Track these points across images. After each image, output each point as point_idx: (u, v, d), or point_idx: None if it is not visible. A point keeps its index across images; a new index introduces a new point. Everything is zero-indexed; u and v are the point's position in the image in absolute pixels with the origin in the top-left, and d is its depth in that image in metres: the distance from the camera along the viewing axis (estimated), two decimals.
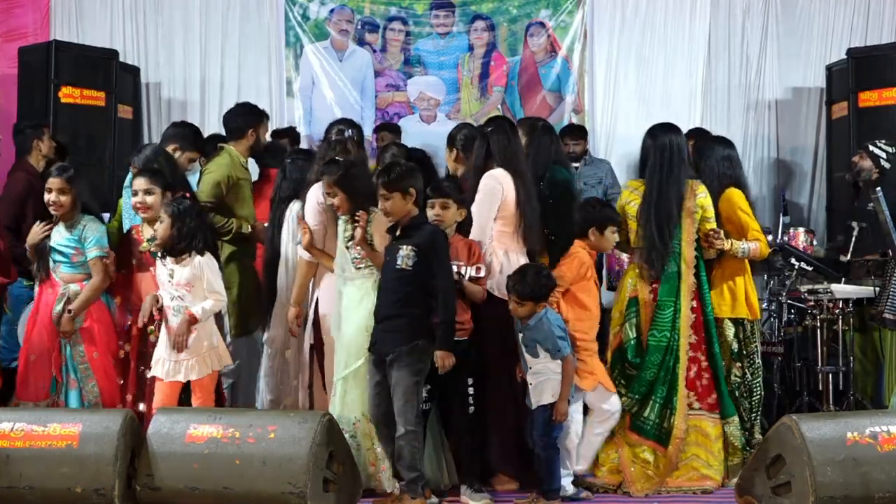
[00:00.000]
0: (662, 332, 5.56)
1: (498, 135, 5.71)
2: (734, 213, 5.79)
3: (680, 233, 5.58)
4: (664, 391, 5.55)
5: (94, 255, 5.72)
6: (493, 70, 9.17)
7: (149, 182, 5.73)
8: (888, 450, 4.51)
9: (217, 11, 9.24)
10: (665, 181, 5.59)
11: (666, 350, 5.56)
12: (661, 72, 9.14)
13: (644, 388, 5.56)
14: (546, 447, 5.25)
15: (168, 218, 5.44)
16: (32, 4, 9.14)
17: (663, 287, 5.60)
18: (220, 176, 6.36)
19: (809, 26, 9.17)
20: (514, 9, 9.17)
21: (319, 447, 4.73)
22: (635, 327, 5.64)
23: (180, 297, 5.44)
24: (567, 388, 5.23)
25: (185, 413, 5.03)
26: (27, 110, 8.01)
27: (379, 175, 5.24)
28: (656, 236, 5.56)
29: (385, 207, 5.17)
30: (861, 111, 8.24)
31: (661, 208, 5.57)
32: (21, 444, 4.81)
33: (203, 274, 5.44)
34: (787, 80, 9.19)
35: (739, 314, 5.81)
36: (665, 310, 5.57)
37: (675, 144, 5.65)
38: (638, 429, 5.57)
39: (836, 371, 6.81)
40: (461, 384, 5.39)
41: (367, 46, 9.20)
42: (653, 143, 5.69)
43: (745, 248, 5.74)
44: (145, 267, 5.76)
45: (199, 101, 9.16)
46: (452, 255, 5.32)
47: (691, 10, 9.16)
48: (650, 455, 5.55)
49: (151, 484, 4.76)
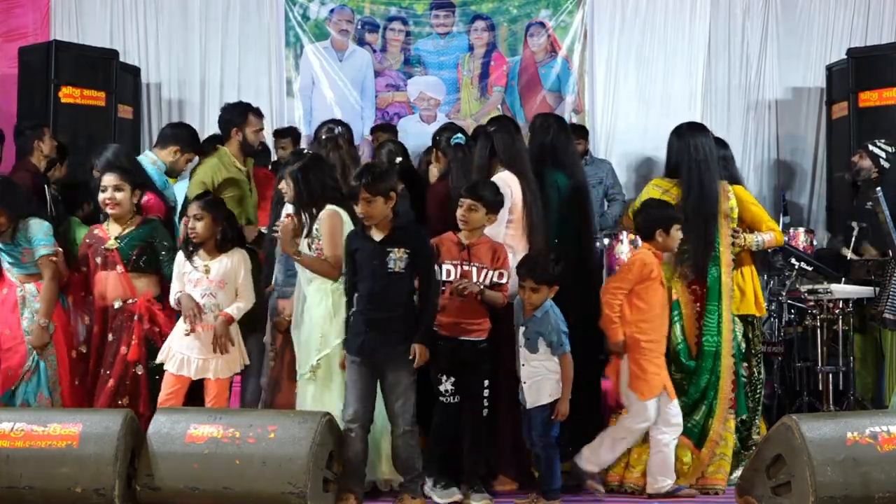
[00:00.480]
0: (713, 336, 5.54)
1: (501, 134, 5.70)
2: (746, 209, 5.81)
3: (719, 236, 5.57)
4: (713, 395, 5.54)
5: (42, 254, 5.67)
6: (493, 70, 9.17)
7: (118, 179, 5.72)
8: (888, 450, 4.51)
9: (217, 11, 9.24)
10: (706, 181, 5.55)
11: (715, 355, 5.55)
12: (661, 72, 9.14)
13: (698, 395, 5.54)
14: (546, 447, 5.23)
15: (208, 215, 5.49)
16: (32, 4, 9.14)
17: (708, 291, 5.57)
18: (204, 177, 6.33)
19: (809, 26, 9.17)
20: (514, 9, 9.18)
21: (319, 447, 4.74)
22: (681, 330, 5.59)
23: (212, 294, 5.47)
24: (568, 387, 5.21)
25: (185, 413, 5.04)
26: (27, 110, 8.00)
27: (359, 177, 5.14)
28: (705, 239, 5.53)
29: (366, 211, 5.09)
30: (861, 111, 8.24)
31: (704, 209, 5.53)
32: (21, 444, 4.82)
33: (239, 270, 5.51)
34: (787, 80, 9.19)
35: (748, 311, 5.82)
36: (712, 315, 5.55)
37: (707, 145, 5.62)
38: (687, 431, 5.51)
39: (836, 371, 6.80)
40: (476, 386, 5.35)
41: (367, 46, 9.20)
42: (684, 143, 5.64)
43: (760, 240, 5.77)
44: (111, 265, 5.70)
45: (199, 101, 9.16)
46: (478, 257, 5.32)
47: (691, 10, 9.17)
48: (689, 456, 5.53)
49: (151, 484, 4.77)
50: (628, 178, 8.93)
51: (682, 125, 5.85)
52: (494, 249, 5.37)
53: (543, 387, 5.22)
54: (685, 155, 5.61)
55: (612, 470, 5.60)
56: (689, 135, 5.68)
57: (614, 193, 8.36)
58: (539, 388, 5.22)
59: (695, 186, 5.56)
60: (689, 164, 5.60)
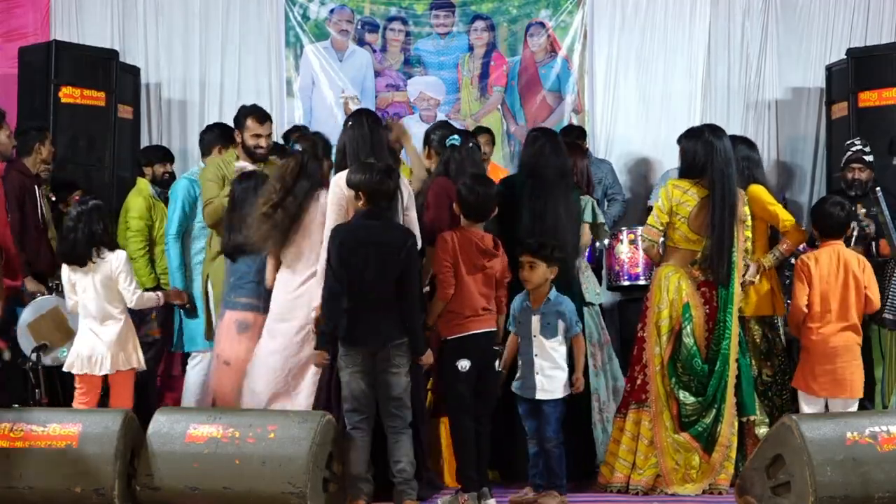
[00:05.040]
0: (727, 341, 5.56)
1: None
2: (763, 209, 5.87)
3: (735, 242, 5.59)
4: (721, 399, 5.57)
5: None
6: (493, 70, 9.16)
7: None
8: (888, 450, 4.51)
9: (217, 11, 9.22)
10: (732, 185, 5.57)
11: (726, 359, 5.58)
12: (661, 72, 9.12)
13: (710, 399, 5.56)
14: (559, 444, 5.34)
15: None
16: (32, 4, 9.12)
17: (721, 295, 5.59)
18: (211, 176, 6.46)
19: (809, 26, 9.16)
20: (514, 9, 9.17)
21: (319, 447, 4.74)
22: (692, 334, 5.60)
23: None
24: (582, 360, 5.41)
25: (185, 413, 5.04)
26: (27, 110, 7.99)
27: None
28: (723, 241, 5.54)
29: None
30: (861, 111, 8.23)
31: (727, 213, 5.53)
32: (21, 444, 4.82)
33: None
34: (787, 80, 9.18)
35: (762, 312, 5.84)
36: (728, 318, 5.57)
37: (728, 149, 5.64)
38: (697, 435, 5.55)
39: None
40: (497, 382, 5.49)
41: (367, 46, 9.20)
42: (710, 147, 5.62)
43: (777, 254, 5.96)
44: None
45: (199, 101, 9.14)
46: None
47: (691, 11, 9.15)
48: (698, 460, 5.55)
49: (151, 484, 4.77)
50: (628, 178, 8.93)
51: (703, 127, 5.86)
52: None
53: (558, 379, 5.27)
54: (712, 157, 5.59)
55: (617, 470, 5.63)
56: (714, 137, 5.66)
57: (614, 193, 8.35)
58: (553, 380, 5.28)
59: (721, 189, 5.54)
60: (717, 166, 5.57)
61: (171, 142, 8.90)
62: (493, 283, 5.38)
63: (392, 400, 5.12)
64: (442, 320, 5.35)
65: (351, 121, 5.72)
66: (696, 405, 5.54)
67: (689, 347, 5.56)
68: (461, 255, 5.30)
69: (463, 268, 5.30)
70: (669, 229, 5.68)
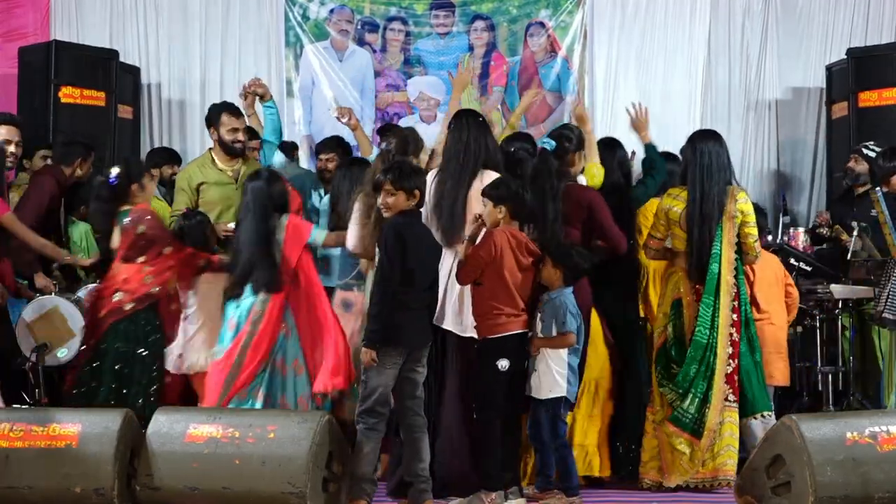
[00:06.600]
0: (703, 329, 5.65)
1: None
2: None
3: (721, 235, 5.68)
4: (703, 386, 5.65)
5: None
6: (493, 70, 9.16)
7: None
8: (888, 450, 4.51)
9: (217, 11, 9.23)
10: (707, 186, 5.69)
11: (706, 347, 5.65)
12: (661, 72, 9.14)
13: (686, 384, 5.65)
14: (559, 447, 5.34)
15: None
16: (32, 4, 9.13)
17: (705, 286, 5.68)
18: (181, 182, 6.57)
19: (809, 26, 9.17)
20: (514, 9, 9.17)
21: (319, 447, 4.74)
22: (677, 328, 5.75)
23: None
24: (550, 343, 5.29)
25: (184, 413, 5.04)
26: (27, 110, 8.00)
27: (385, 171, 5.22)
28: (701, 239, 5.67)
29: (385, 202, 5.17)
30: (861, 111, 8.24)
31: (704, 212, 5.66)
32: (21, 444, 4.82)
33: None
34: (787, 80, 9.19)
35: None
36: (706, 308, 5.66)
37: (713, 151, 5.75)
38: (676, 420, 5.66)
39: (835, 371, 6.81)
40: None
41: (367, 46, 9.20)
42: (692, 151, 5.80)
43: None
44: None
45: (199, 102, 9.14)
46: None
47: (691, 11, 9.16)
48: (686, 447, 5.64)
49: (151, 484, 4.77)
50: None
51: (696, 133, 6.03)
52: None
53: (544, 378, 5.28)
54: (692, 160, 5.77)
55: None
56: (698, 141, 5.84)
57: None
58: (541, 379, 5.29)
59: (697, 191, 5.69)
60: (694, 168, 5.74)
61: (171, 142, 8.92)
62: (531, 284, 5.40)
63: (416, 399, 5.17)
64: (481, 319, 5.34)
65: (453, 123, 5.72)
66: (672, 394, 5.68)
67: (670, 339, 5.74)
68: (515, 254, 5.32)
69: (514, 266, 5.31)
70: (670, 234, 5.84)
